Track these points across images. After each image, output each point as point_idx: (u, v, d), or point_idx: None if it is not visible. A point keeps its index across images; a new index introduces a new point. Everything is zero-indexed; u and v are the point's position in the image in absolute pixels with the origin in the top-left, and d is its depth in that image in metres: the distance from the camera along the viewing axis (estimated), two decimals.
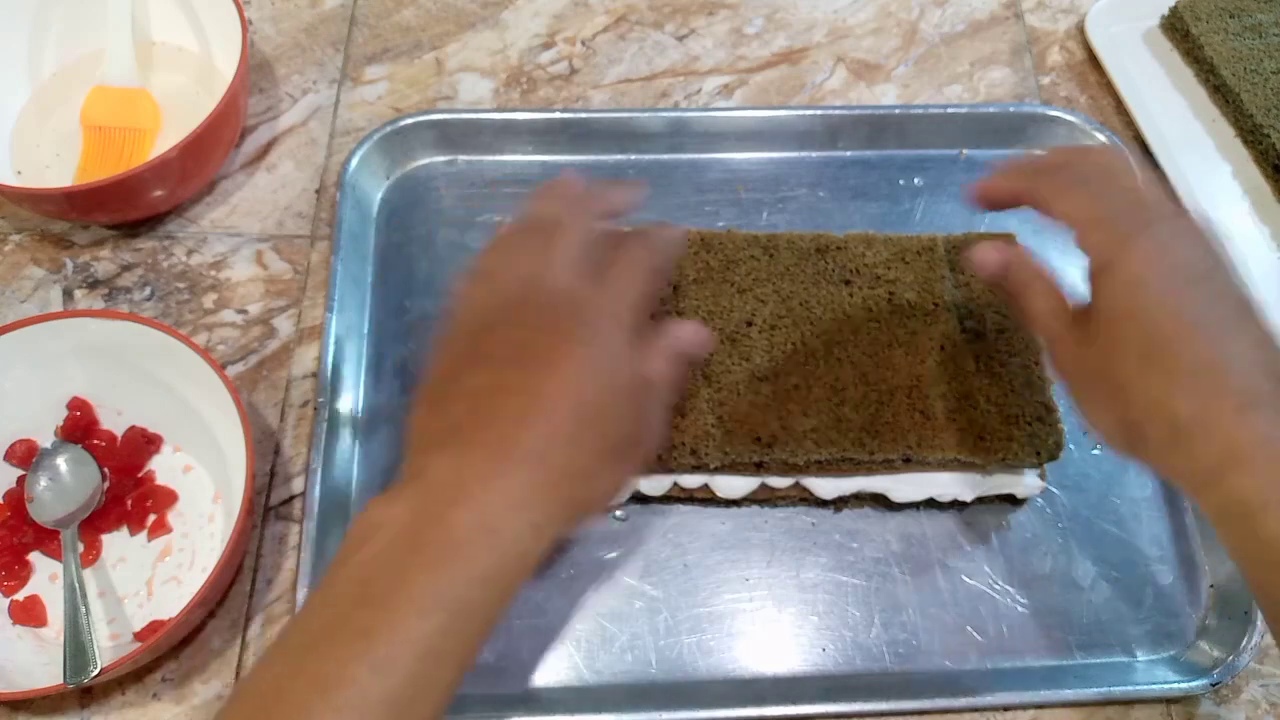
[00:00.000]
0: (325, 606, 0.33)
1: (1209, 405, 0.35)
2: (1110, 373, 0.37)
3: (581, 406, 0.35)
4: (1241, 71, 0.59)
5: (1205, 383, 0.35)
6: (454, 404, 0.36)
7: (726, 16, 0.64)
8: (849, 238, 0.52)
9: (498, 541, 0.33)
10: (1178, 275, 0.37)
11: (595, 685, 0.44)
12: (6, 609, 0.45)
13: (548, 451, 0.34)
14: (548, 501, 0.34)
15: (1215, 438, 0.34)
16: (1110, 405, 0.38)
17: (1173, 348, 0.36)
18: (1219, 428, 0.34)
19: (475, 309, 0.39)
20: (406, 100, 0.60)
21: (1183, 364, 0.36)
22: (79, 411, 0.48)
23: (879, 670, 0.45)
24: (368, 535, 0.33)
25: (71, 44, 0.58)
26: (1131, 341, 0.37)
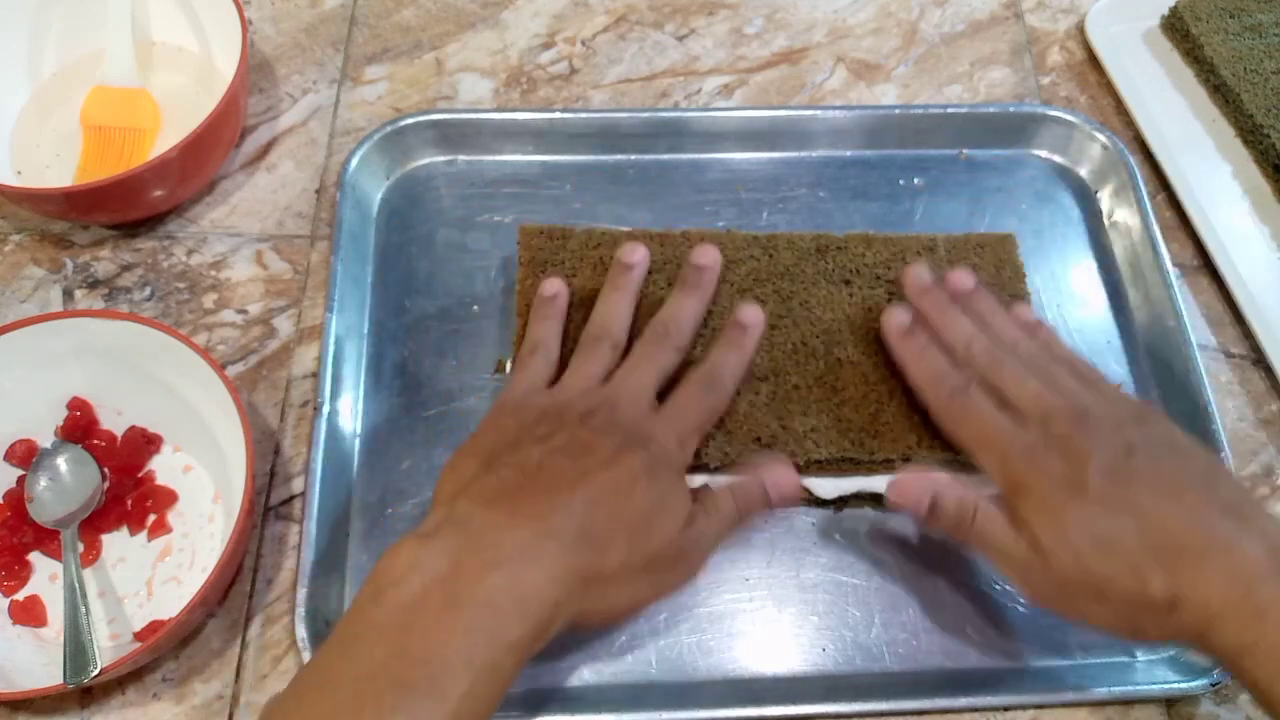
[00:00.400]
0: (361, 646, 0.33)
1: (1222, 594, 0.36)
2: (1093, 588, 0.38)
3: (625, 513, 0.37)
4: (1241, 71, 0.60)
5: (1211, 576, 0.36)
6: (509, 468, 0.38)
7: (726, 16, 0.64)
8: (849, 238, 0.52)
9: (528, 612, 0.34)
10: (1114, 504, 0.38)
11: (595, 685, 0.44)
12: (6, 609, 0.45)
13: (584, 542, 0.36)
14: (573, 589, 0.35)
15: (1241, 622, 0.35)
16: (1100, 612, 0.38)
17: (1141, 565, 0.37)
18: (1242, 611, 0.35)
19: (543, 397, 0.42)
20: (406, 100, 0.60)
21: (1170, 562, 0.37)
22: (79, 411, 0.48)
23: (879, 670, 0.45)
24: (404, 576, 0.34)
25: (71, 44, 0.58)
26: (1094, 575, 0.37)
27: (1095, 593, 0.38)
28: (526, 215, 0.55)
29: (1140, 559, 0.37)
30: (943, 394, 0.43)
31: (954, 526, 0.41)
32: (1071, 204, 0.58)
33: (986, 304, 0.46)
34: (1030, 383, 0.42)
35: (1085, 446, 0.39)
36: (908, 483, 0.42)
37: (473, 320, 0.52)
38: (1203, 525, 0.37)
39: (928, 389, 0.44)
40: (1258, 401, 0.52)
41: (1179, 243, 0.57)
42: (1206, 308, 0.55)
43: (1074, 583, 0.38)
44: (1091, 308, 0.54)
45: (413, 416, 0.50)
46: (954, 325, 0.45)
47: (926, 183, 0.58)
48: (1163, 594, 0.36)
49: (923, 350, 0.44)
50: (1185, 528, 0.37)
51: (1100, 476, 0.38)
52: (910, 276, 0.47)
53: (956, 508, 0.41)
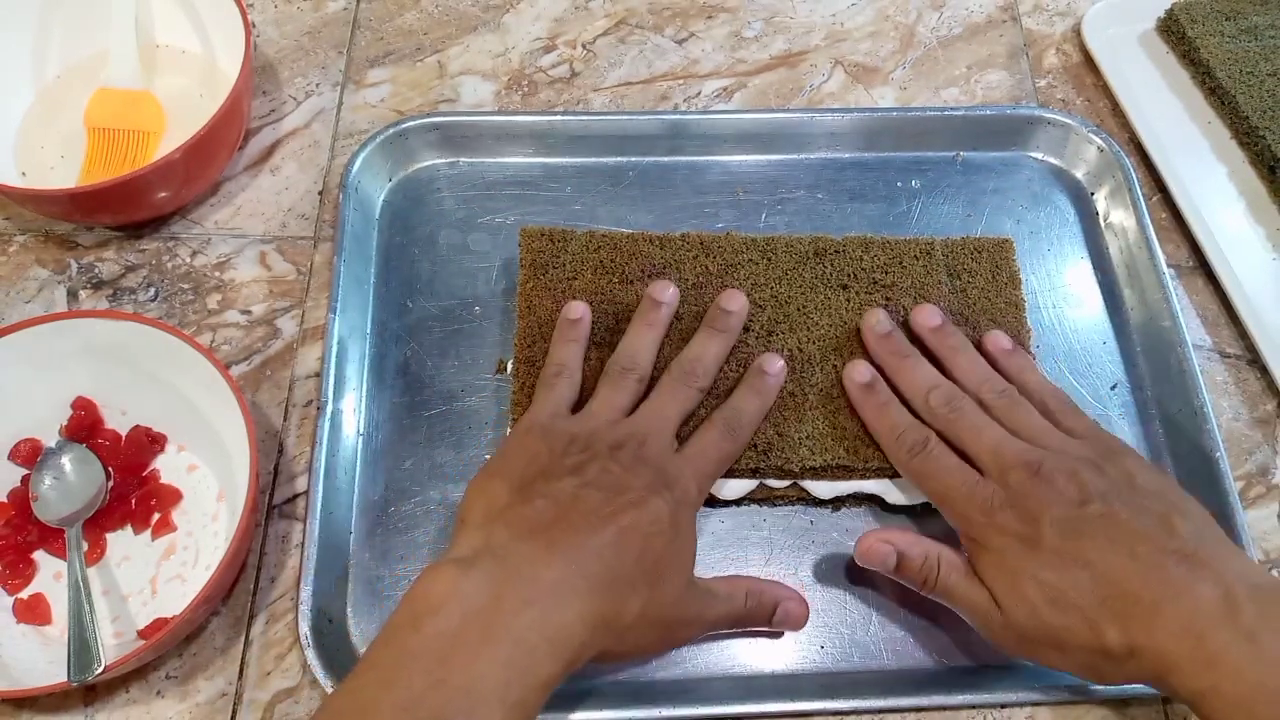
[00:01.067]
0: (400, 674, 0.33)
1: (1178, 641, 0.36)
2: (1053, 638, 0.39)
3: (647, 559, 0.38)
4: (1237, 74, 0.60)
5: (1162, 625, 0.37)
6: (544, 498, 0.39)
7: (725, 20, 0.65)
8: (847, 241, 0.52)
9: (558, 651, 0.35)
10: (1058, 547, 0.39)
11: (595, 682, 0.44)
12: (11, 607, 0.45)
13: (611, 586, 0.37)
14: (597, 631, 0.36)
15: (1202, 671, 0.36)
16: (1061, 660, 0.39)
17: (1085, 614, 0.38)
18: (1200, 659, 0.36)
19: (572, 425, 0.43)
20: (409, 103, 0.60)
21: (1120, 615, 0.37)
22: (83, 411, 0.48)
23: (876, 667, 0.45)
24: (443, 604, 0.34)
25: (75, 46, 0.58)
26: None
27: (1053, 643, 0.39)
28: (527, 217, 0.56)
29: (1094, 612, 0.38)
30: (903, 450, 0.44)
31: (921, 581, 0.42)
32: (1068, 205, 0.58)
33: (951, 341, 0.47)
34: (987, 434, 0.43)
35: (1039, 500, 0.40)
36: (872, 545, 0.43)
37: (474, 321, 0.53)
38: (1155, 574, 0.37)
39: (888, 445, 0.45)
40: (1253, 401, 0.53)
41: (1174, 244, 0.57)
42: (1202, 308, 0.55)
43: (1032, 635, 0.39)
44: (1087, 308, 0.55)
45: (415, 416, 0.50)
46: (912, 375, 0.46)
47: (924, 184, 0.58)
48: (1118, 645, 0.37)
49: (882, 406, 0.45)
50: (1137, 579, 0.37)
51: (1053, 531, 0.39)
52: (868, 324, 0.48)
53: (921, 564, 0.42)
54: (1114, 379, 0.53)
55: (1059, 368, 0.53)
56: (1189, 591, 0.37)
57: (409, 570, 0.46)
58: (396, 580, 0.46)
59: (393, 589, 0.46)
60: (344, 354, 0.50)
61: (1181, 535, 0.39)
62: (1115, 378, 0.53)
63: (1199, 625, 0.36)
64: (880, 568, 0.43)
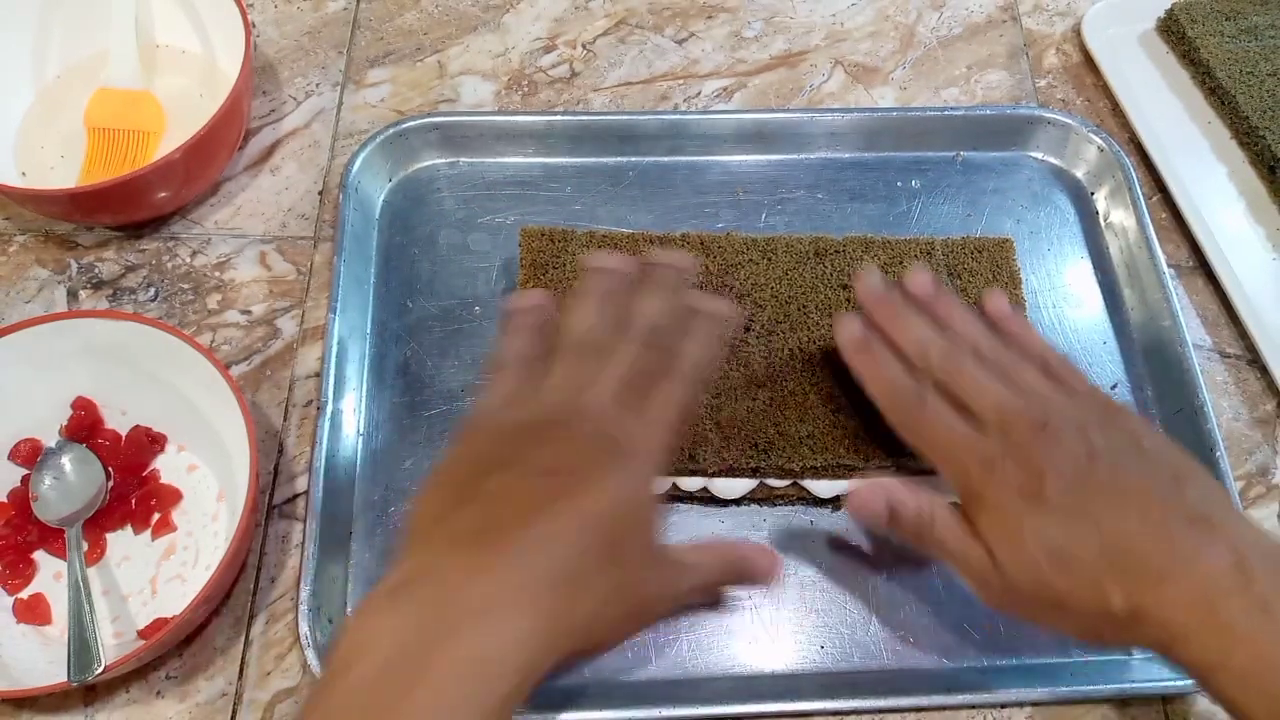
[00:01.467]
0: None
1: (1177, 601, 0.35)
2: (1053, 596, 0.37)
3: (596, 542, 0.34)
4: (1237, 74, 0.60)
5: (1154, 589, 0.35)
6: (475, 502, 0.35)
7: (725, 20, 0.65)
8: (847, 241, 0.52)
9: (504, 672, 0.31)
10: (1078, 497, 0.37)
11: (595, 682, 0.44)
12: (11, 607, 0.45)
13: (557, 586, 0.33)
14: (551, 637, 0.32)
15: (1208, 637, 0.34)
16: (1059, 621, 0.38)
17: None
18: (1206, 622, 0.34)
19: (515, 411, 0.38)
20: (409, 103, 0.60)
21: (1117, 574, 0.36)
22: (83, 411, 0.48)
23: (876, 667, 0.45)
24: (371, 644, 0.31)
25: (75, 46, 0.58)
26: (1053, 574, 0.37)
27: (1053, 604, 0.37)
28: (528, 217, 0.56)
29: (1099, 573, 0.36)
30: (899, 405, 0.42)
31: (914, 534, 0.40)
32: (1068, 205, 0.58)
33: (946, 304, 0.45)
34: (989, 388, 0.40)
35: (1044, 456, 0.38)
36: (865, 494, 0.41)
37: (474, 321, 0.53)
38: (1165, 538, 0.36)
39: (883, 400, 0.43)
40: (1253, 401, 0.53)
41: (1174, 244, 0.57)
42: (1202, 308, 0.55)
43: (1031, 594, 0.37)
44: (1087, 308, 0.55)
45: (415, 416, 0.50)
46: (909, 331, 0.43)
47: (924, 184, 0.58)
48: (1123, 608, 0.35)
49: (876, 363, 0.43)
50: (1146, 541, 0.36)
51: (1058, 487, 0.37)
52: (862, 284, 0.45)
53: (915, 516, 0.40)
54: (1114, 379, 0.53)
55: None
56: (1200, 558, 0.35)
57: None
58: None
59: None
60: (344, 354, 0.50)
61: (1191, 499, 0.37)
62: (1115, 378, 0.53)
63: (1210, 594, 0.34)
64: (873, 520, 0.41)
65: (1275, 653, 0.33)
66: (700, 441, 0.46)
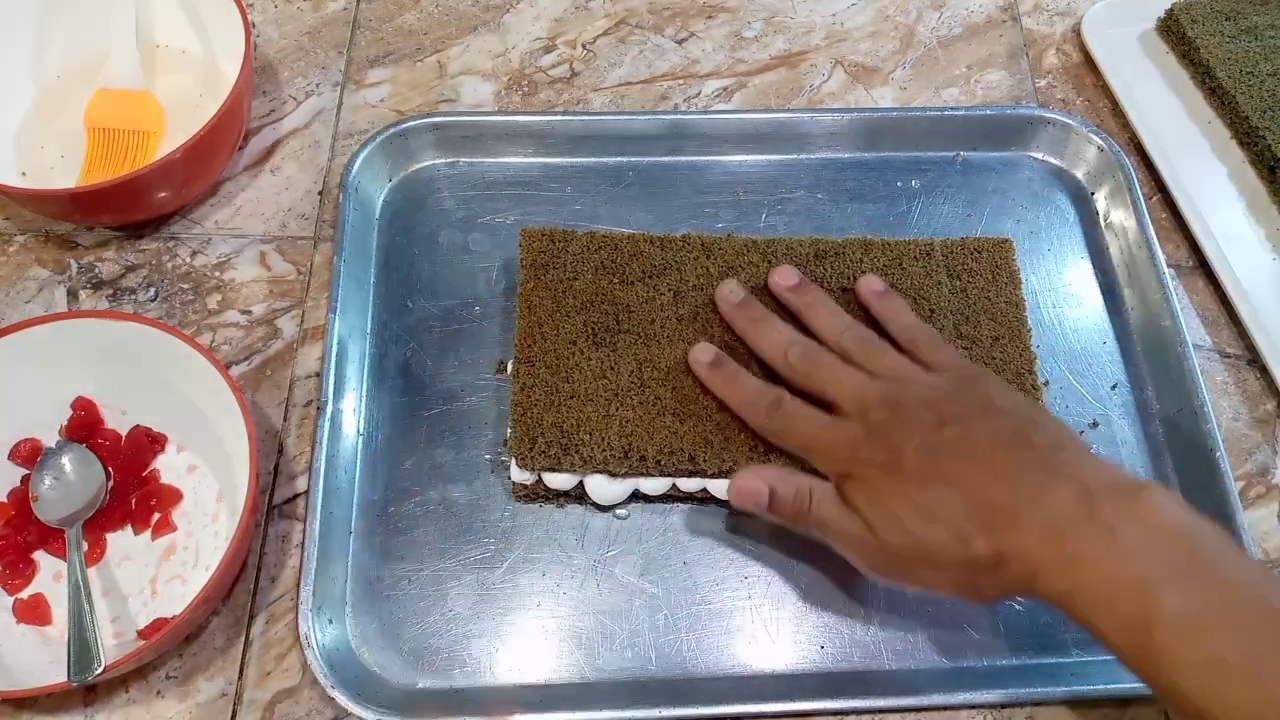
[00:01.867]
0: None
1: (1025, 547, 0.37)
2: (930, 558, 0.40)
3: None
4: (1237, 74, 0.60)
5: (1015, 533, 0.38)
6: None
7: (725, 20, 0.65)
8: (847, 243, 0.52)
9: None
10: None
11: (596, 682, 0.44)
12: (11, 607, 0.45)
13: None
14: None
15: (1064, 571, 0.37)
16: (936, 578, 0.40)
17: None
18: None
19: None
20: (409, 103, 0.60)
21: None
22: (83, 411, 0.48)
23: (876, 667, 0.45)
24: None
25: (76, 46, 0.58)
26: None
27: (927, 560, 0.39)
28: (528, 217, 0.56)
29: (960, 524, 0.38)
30: (758, 412, 0.45)
31: (794, 515, 0.43)
32: (1068, 205, 0.58)
33: (809, 297, 0.48)
34: (846, 378, 0.44)
35: (899, 432, 0.41)
36: (745, 481, 0.43)
37: (474, 321, 0.53)
38: (1015, 484, 0.38)
39: (745, 414, 0.45)
40: (1253, 401, 0.53)
41: (1174, 244, 0.57)
42: (1202, 308, 0.55)
43: (906, 554, 0.40)
44: (1087, 308, 0.55)
45: (415, 416, 0.50)
46: (770, 336, 0.46)
47: (924, 184, 0.58)
48: (987, 553, 0.38)
49: (731, 379, 0.46)
50: (998, 489, 0.38)
51: (916, 454, 0.40)
52: (722, 295, 0.49)
53: (793, 497, 0.42)
54: (1114, 379, 0.53)
55: (1059, 368, 0.53)
56: (1048, 494, 0.38)
57: (409, 570, 0.46)
58: (396, 580, 0.46)
59: (392, 589, 0.46)
60: (344, 354, 0.50)
61: (1038, 445, 0.40)
62: (1115, 378, 0.53)
63: (1059, 525, 0.37)
64: (754, 507, 0.43)
65: (1120, 572, 0.35)
66: (700, 444, 0.46)
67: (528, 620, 0.46)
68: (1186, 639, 0.34)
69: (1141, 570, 0.35)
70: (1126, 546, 0.36)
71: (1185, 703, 0.34)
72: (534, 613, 0.46)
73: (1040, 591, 0.38)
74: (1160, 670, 0.34)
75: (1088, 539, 0.36)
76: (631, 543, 0.47)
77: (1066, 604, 0.37)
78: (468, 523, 0.48)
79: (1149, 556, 0.35)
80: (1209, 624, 0.34)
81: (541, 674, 0.45)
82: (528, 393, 0.47)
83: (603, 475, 0.46)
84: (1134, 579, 0.35)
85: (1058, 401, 0.52)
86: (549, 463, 0.46)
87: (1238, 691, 0.33)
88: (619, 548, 0.47)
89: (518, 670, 0.45)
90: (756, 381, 0.46)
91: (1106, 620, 0.36)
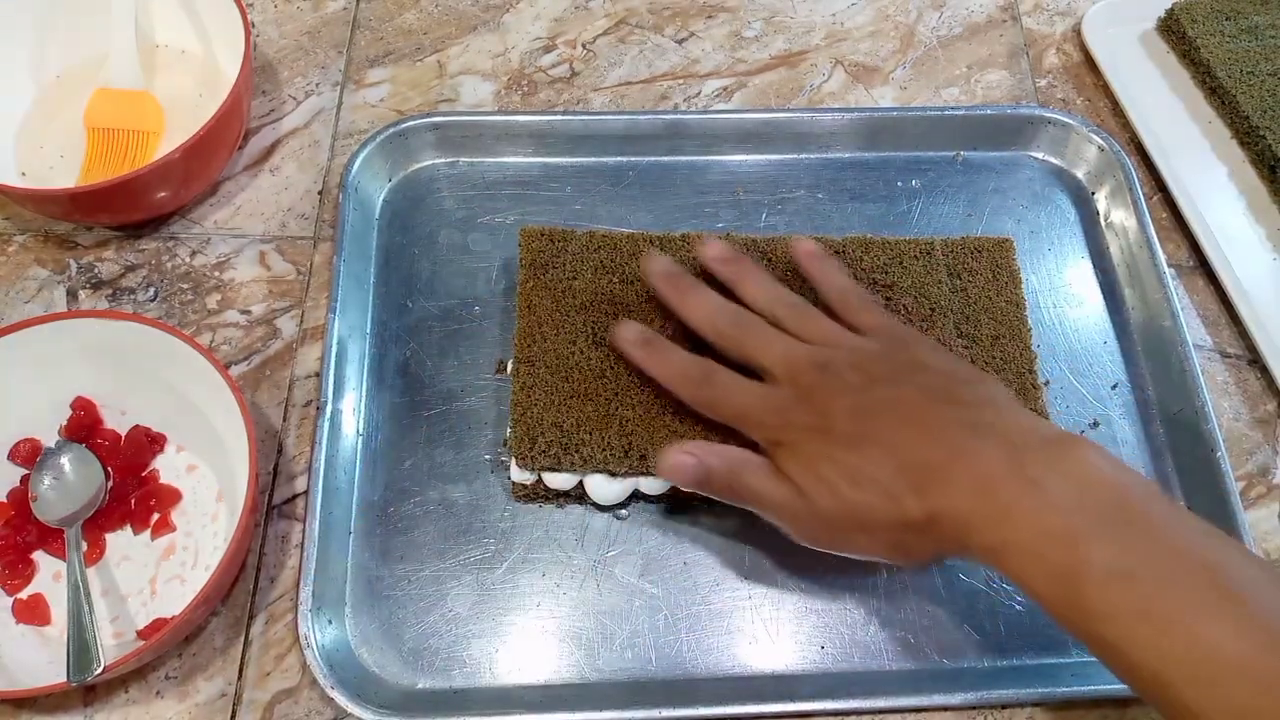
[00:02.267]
0: None
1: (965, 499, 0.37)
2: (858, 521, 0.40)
3: None
4: (1238, 73, 0.60)
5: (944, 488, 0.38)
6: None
7: (725, 20, 0.65)
8: (847, 241, 0.52)
9: None
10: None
11: (595, 682, 0.44)
12: (10, 607, 0.45)
13: None
14: None
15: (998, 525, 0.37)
16: (867, 541, 0.40)
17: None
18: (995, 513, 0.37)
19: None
20: (408, 103, 0.60)
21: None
22: (83, 411, 0.48)
23: (877, 668, 0.45)
24: None
25: (75, 46, 0.58)
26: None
27: (859, 524, 0.39)
28: (527, 216, 0.56)
29: (891, 484, 0.38)
30: (689, 386, 0.44)
31: (725, 487, 0.42)
32: (1068, 205, 0.58)
33: (738, 267, 0.47)
34: (776, 345, 0.43)
35: (829, 393, 0.41)
36: (675, 455, 0.43)
37: (474, 321, 0.53)
38: (944, 442, 0.38)
39: (676, 388, 0.45)
40: (1253, 401, 0.53)
41: (1175, 243, 0.57)
42: (1202, 308, 0.55)
43: (837, 518, 0.40)
44: (1088, 308, 0.55)
45: (414, 416, 0.50)
46: (699, 306, 0.46)
47: (924, 184, 0.58)
48: (918, 513, 0.38)
49: (661, 356, 0.45)
50: (927, 448, 0.38)
51: (844, 417, 0.40)
52: (651, 269, 0.48)
53: (725, 469, 0.42)
54: (1114, 379, 0.53)
55: (1059, 368, 0.53)
56: (976, 452, 0.38)
57: (408, 570, 0.46)
58: (396, 580, 0.46)
59: (392, 589, 0.46)
60: (344, 354, 0.50)
61: (966, 402, 0.40)
62: (1115, 378, 0.53)
63: (988, 481, 0.37)
64: (685, 482, 0.43)
65: (1047, 523, 0.36)
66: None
67: (527, 620, 0.46)
68: (1113, 590, 0.34)
69: (1069, 522, 0.35)
70: (1054, 500, 0.36)
71: (1113, 654, 0.35)
72: (534, 613, 0.46)
73: (972, 548, 0.38)
74: (1088, 621, 0.35)
75: (1016, 494, 0.36)
76: (631, 543, 0.47)
77: (997, 560, 0.37)
78: (467, 523, 0.48)
79: (1076, 509, 0.35)
80: (1135, 575, 0.34)
81: (541, 674, 0.45)
82: (527, 392, 0.47)
83: (603, 475, 0.46)
84: (1061, 531, 0.35)
85: (1058, 401, 0.52)
86: (549, 462, 0.45)
87: (1163, 641, 0.33)
88: (619, 548, 0.47)
89: (517, 670, 0.45)
90: (686, 355, 0.45)
91: (1035, 574, 0.36)
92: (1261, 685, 0.32)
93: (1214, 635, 0.33)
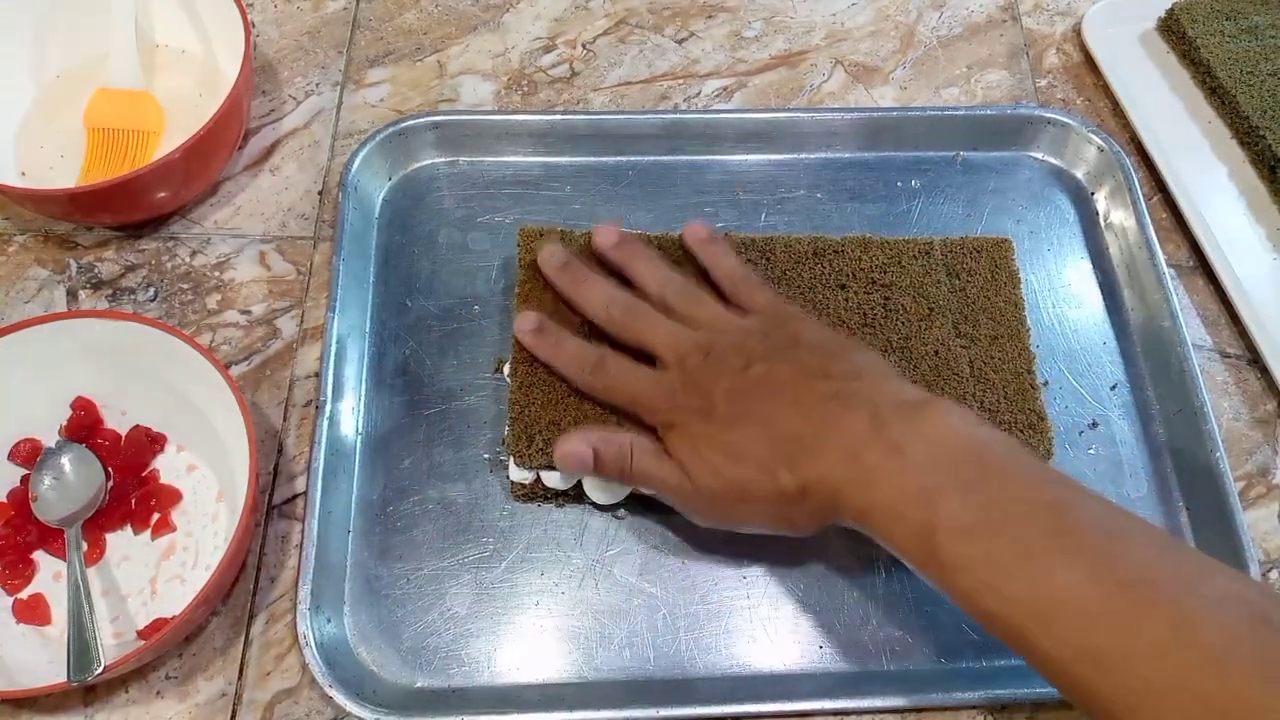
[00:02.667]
0: None
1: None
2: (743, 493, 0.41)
3: None
4: (1238, 73, 0.60)
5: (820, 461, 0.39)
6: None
7: (726, 20, 0.65)
8: (846, 241, 0.52)
9: None
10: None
11: (594, 682, 0.44)
12: (11, 607, 0.45)
13: None
14: None
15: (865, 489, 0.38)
16: (751, 513, 0.42)
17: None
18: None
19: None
20: (408, 102, 0.60)
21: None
22: (83, 411, 0.48)
23: (875, 667, 0.45)
24: None
25: (75, 46, 0.58)
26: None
27: (741, 499, 0.41)
28: (527, 216, 0.56)
29: (767, 459, 0.40)
30: (585, 374, 0.45)
31: (618, 471, 0.44)
32: (1068, 205, 0.58)
33: (628, 251, 0.48)
34: (662, 329, 0.45)
35: (712, 375, 0.42)
36: (568, 444, 0.44)
37: (473, 320, 0.53)
38: (813, 415, 0.40)
39: (571, 375, 0.46)
40: (1253, 401, 0.53)
41: (1174, 244, 0.57)
42: (1202, 308, 0.55)
43: (722, 496, 0.41)
44: (1087, 308, 0.55)
45: (414, 415, 0.50)
46: (591, 294, 0.47)
47: (924, 184, 0.58)
48: (792, 484, 0.40)
49: (555, 344, 0.47)
50: (798, 422, 0.40)
51: (725, 398, 0.42)
52: (543, 260, 0.49)
53: (616, 454, 0.43)
54: (1114, 379, 0.53)
55: (1059, 367, 0.53)
56: (843, 421, 0.39)
57: (407, 569, 0.46)
58: (395, 579, 0.46)
59: (391, 588, 0.46)
60: (343, 354, 0.50)
61: (835, 375, 0.41)
62: (1115, 378, 0.53)
63: (852, 448, 0.38)
64: (580, 469, 0.44)
65: (906, 483, 0.37)
66: None
67: (526, 620, 0.46)
68: (963, 541, 0.35)
69: (925, 480, 0.37)
70: (912, 460, 0.37)
71: (969, 603, 0.36)
72: (532, 612, 0.46)
73: (844, 515, 0.39)
74: (945, 573, 0.36)
75: (878, 457, 0.38)
76: (630, 542, 0.47)
77: (866, 522, 0.38)
78: (466, 522, 0.48)
79: (932, 467, 0.37)
80: (985, 525, 0.35)
81: (540, 673, 0.45)
82: (525, 391, 0.47)
83: None
84: (918, 489, 0.37)
85: (1057, 402, 0.52)
86: (547, 460, 0.45)
87: (1008, 585, 0.34)
88: (617, 547, 0.47)
89: (516, 669, 0.45)
90: (579, 342, 0.46)
91: (897, 531, 0.37)
92: (1089, 618, 0.33)
93: (1052, 575, 0.34)
